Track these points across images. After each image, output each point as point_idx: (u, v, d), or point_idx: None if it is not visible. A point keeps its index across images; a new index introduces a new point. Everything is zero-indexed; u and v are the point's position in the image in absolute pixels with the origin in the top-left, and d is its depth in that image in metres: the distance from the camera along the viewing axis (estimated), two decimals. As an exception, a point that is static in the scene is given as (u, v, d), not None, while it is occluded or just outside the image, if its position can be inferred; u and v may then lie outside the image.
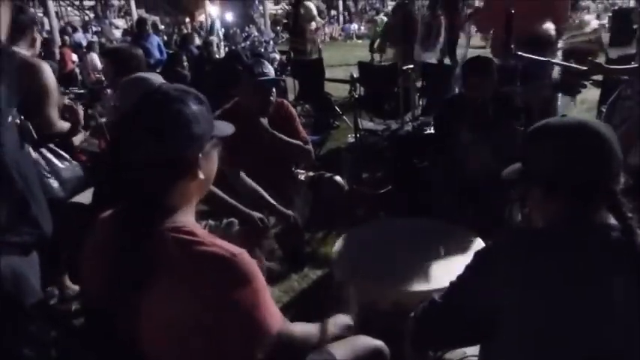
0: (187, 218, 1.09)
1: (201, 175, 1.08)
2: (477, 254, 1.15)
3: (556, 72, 3.35)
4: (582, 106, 6.48)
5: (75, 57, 9.70)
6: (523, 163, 1.18)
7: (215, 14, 16.52)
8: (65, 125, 2.47)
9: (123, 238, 1.03)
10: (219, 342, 1.01)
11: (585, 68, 2.85)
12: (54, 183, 2.38)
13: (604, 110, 3.17)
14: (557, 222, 1.11)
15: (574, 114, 5.94)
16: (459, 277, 1.17)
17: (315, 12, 8.46)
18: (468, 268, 1.15)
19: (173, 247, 1.00)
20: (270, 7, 23.89)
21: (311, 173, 2.95)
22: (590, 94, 5.30)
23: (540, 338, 1.01)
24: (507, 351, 1.06)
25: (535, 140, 1.14)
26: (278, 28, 22.73)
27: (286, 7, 21.30)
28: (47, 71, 2.34)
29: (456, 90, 4.35)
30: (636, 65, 2.82)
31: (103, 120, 2.96)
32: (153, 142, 1.03)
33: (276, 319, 1.09)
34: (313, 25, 8.36)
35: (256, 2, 22.90)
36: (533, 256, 1.05)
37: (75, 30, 14.83)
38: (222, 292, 1.00)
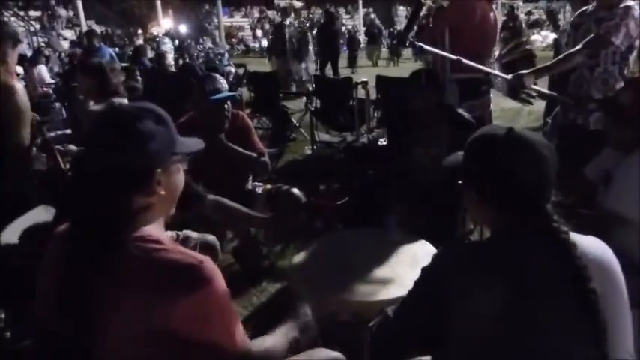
0: (154, 229, 1.10)
1: (161, 191, 1.09)
2: (424, 269, 1.16)
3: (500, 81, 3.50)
4: (530, 117, 6.76)
5: (20, 69, 9.34)
6: (463, 165, 1.20)
7: (168, 27, 16.32)
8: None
9: (78, 250, 1.02)
10: (186, 352, 1.01)
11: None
12: None
13: (549, 121, 3.32)
14: (498, 233, 1.15)
15: (522, 124, 6.19)
16: (409, 292, 1.19)
17: None
18: (416, 283, 1.17)
19: (137, 256, 1.01)
20: (225, 20, 23.80)
21: (268, 186, 2.94)
22: (537, 105, 5.53)
23: (488, 350, 1.03)
24: None
25: (477, 147, 1.16)
26: (233, 40, 22.67)
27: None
28: (21, 91, 2.31)
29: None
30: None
31: (52, 135, 2.86)
32: (107, 156, 1.04)
33: (239, 333, 1.10)
34: None
35: (212, 15, 22.79)
36: (479, 269, 1.07)
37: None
38: (190, 298, 1.00)
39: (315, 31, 12.43)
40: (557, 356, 1.01)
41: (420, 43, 3.06)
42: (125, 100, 2.38)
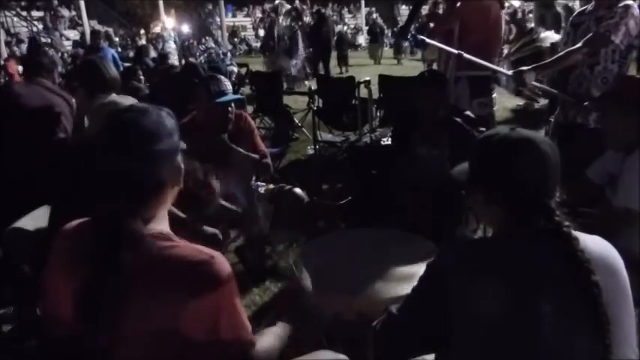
0: (162, 226, 1.11)
1: (168, 189, 1.12)
2: (428, 266, 1.17)
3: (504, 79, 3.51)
4: (533, 116, 6.75)
5: (21, 69, 9.34)
6: (469, 167, 1.21)
7: (170, 26, 16.33)
8: None
9: (99, 250, 1.02)
10: (195, 349, 1.02)
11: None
12: None
13: (552, 120, 3.31)
14: (503, 232, 1.15)
15: (525, 123, 6.16)
16: (413, 290, 1.19)
17: None
18: (420, 280, 1.18)
19: (150, 253, 1.02)
20: (228, 20, 23.79)
21: (271, 186, 2.94)
22: (541, 104, 5.52)
23: (489, 348, 1.03)
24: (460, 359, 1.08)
25: (481, 148, 1.17)
26: (235, 40, 22.67)
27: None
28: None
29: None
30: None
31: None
32: (115, 156, 1.06)
33: (247, 330, 1.11)
34: None
35: (214, 14, 22.82)
36: (481, 267, 1.07)
37: (20, 42, 14.39)
38: (202, 294, 1.01)
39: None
40: (557, 355, 1.00)
41: (422, 37, 3.05)
42: (124, 99, 2.36)
